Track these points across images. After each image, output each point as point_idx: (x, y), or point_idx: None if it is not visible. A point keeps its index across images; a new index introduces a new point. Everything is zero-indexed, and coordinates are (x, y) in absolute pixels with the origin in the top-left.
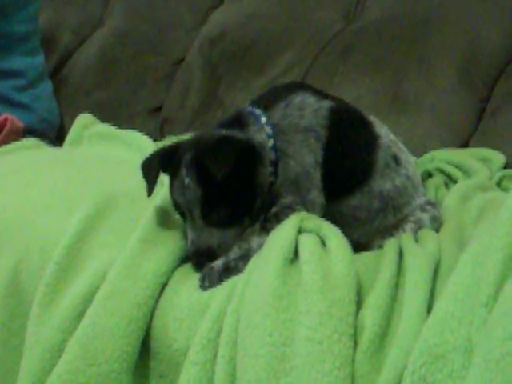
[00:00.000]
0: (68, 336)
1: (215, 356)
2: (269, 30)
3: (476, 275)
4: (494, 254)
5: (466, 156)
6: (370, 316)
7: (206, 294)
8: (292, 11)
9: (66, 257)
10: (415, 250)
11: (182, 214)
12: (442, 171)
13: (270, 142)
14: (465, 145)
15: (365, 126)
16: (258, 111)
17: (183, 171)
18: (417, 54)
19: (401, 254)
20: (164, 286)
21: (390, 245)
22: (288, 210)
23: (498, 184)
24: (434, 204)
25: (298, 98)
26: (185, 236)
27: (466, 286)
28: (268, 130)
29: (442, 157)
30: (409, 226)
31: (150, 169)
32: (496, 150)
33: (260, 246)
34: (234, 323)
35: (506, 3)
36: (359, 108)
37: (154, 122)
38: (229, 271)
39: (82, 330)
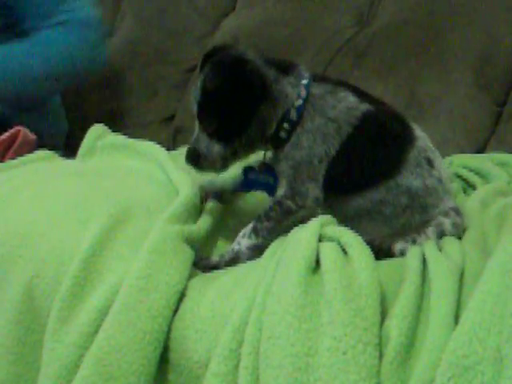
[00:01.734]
0: (85, 351)
1: (237, 367)
2: (282, 36)
3: (504, 284)
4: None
5: (484, 161)
6: (396, 326)
7: (228, 304)
8: (304, 17)
9: (81, 270)
10: (439, 258)
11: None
12: (459, 176)
13: (299, 102)
14: (482, 149)
15: (400, 128)
16: (306, 73)
17: (200, 79)
18: (431, 58)
19: (424, 263)
20: (182, 296)
21: (414, 253)
22: (278, 208)
23: None
24: (458, 210)
25: (342, 94)
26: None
27: (494, 295)
28: (303, 91)
29: (460, 162)
30: (430, 230)
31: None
32: None
33: (250, 248)
34: (255, 333)
35: None
36: None
37: (166, 131)
38: (216, 269)
39: (97, 344)
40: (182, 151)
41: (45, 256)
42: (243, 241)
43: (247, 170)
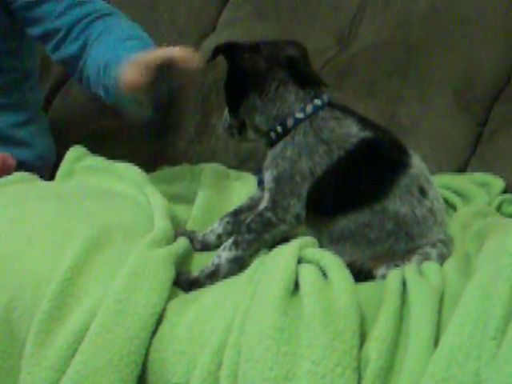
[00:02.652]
0: (62, 375)
1: None
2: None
3: (483, 307)
4: (501, 286)
5: (465, 181)
6: (375, 349)
7: (206, 326)
8: (285, 37)
9: (59, 293)
10: (419, 281)
11: None
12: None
13: (299, 115)
14: (463, 169)
15: (395, 155)
16: (325, 96)
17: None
18: (412, 79)
19: (404, 285)
20: (161, 318)
21: (394, 275)
22: (259, 219)
23: (498, 209)
24: (445, 242)
25: (347, 121)
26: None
27: (473, 318)
28: (310, 108)
29: (440, 182)
30: (415, 258)
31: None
32: (494, 174)
33: (230, 260)
34: (234, 356)
35: (500, 27)
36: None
37: (147, 151)
38: (196, 286)
39: (73, 368)
40: (162, 172)
41: (22, 279)
42: (223, 253)
43: (259, 168)
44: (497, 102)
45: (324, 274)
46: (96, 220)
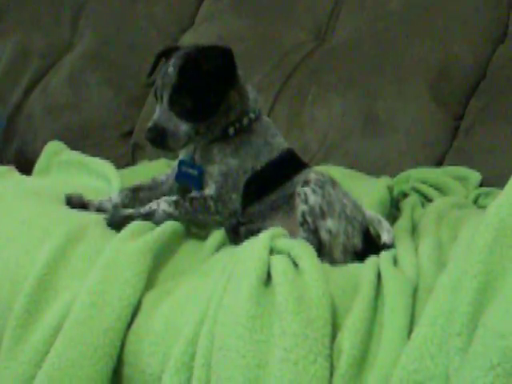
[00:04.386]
0: (39, 370)
1: (190, 379)
2: (239, 51)
3: (455, 301)
4: (468, 282)
5: (442, 175)
6: (348, 339)
7: (181, 317)
8: (262, 32)
9: (36, 288)
10: (394, 273)
11: (156, 98)
12: (417, 191)
13: (251, 116)
14: (440, 163)
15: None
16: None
17: (170, 63)
18: (388, 74)
19: (379, 276)
20: (136, 310)
21: (368, 266)
22: (202, 202)
23: (475, 202)
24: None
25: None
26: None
27: (444, 311)
28: (257, 110)
29: (418, 176)
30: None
31: (157, 55)
32: (471, 167)
33: (166, 214)
34: (208, 346)
35: (476, 21)
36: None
37: (125, 146)
38: (130, 219)
39: (48, 361)
40: (142, 166)
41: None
42: (162, 204)
43: (181, 162)
44: (473, 96)
45: (296, 264)
46: (73, 217)
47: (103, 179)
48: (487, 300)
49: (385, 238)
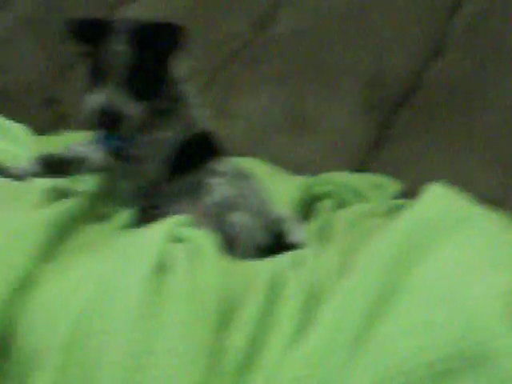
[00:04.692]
0: None
1: (72, 359)
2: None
3: (346, 310)
4: (364, 295)
5: (362, 181)
6: (237, 336)
7: (71, 295)
8: (201, 18)
9: None
10: (293, 274)
11: (99, 79)
12: (335, 194)
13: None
14: (362, 169)
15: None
16: None
17: (117, 39)
18: (321, 74)
19: (279, 276)
20: (30, 282)
21: (268, 265)
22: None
23: (392, 212)
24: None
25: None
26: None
27: (336, 320)
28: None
29: (338, 179)
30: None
31: (79, 26)
32: (393, 177)
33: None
34: (93, 327)
35: (412, 30)
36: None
37: (50, 113)
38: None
39: None
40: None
41: None
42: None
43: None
44: (403, 107)
45: (195, 254)
46: None
47: (15, 143)
48: (382, 314)
49: (293, 237)
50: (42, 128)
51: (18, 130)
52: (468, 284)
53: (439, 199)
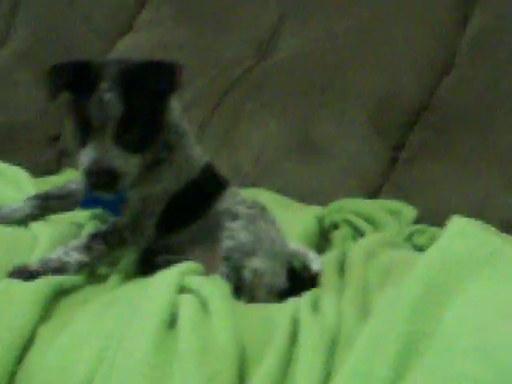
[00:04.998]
0: None
1: None
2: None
3: (370, 362)
4: (390, 342)
5: (375, 208)
6: None
7: (77, 354)
8: (203, 43)
9: None
10: (312, 321)
11: (86, 134)
12: (348, 222)
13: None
14: (375, 195)
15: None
16: None
17: (105, 85)
18: (328, 98)
19: (296, 323)
20: (29, 344)
21: (286, 311)
22: (116, 235)
23: (409, 239)
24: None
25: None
26: None
27: (362, 373)
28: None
29: (350, 207)
30: (225, 221)
31: (62, 74)
32: (408, 201)
33: (80, 264)
34: None
35: (422, 50)
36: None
37: (52, 151)
38: (37, 276)
39: None
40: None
41: None
42: (74, 254)
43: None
44: (415, 128)
45: (205, 305)
46: None
47: (15, 187)
48: (410, 366)
49: (314, 267)
50: (45, 166)
51: (16, 172)
52: (501, 331)
53: (464, 233)
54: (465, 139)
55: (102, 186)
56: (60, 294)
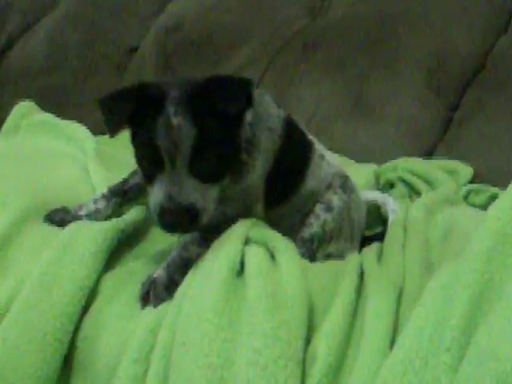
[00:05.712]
0: None
1: (146, 372)
2: (227, 23)
3: (444, 311)
4: (461, 292)
5: (431, 167)
6: (324, 345)
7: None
8: (254, 5)
9: None
10: (377, 274)
11: (155, 165)
12: (404, 181)
13: (248, 117)
14: (430, 154)
15: (304, 135)
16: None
17: (170, 110)
18: (383, 57)
19: (362, 275)
20: (95, 292)
21: (351, 264)
22: (227, 225)
23: (465, 198)
24: (345, 187)
25: (266, 98)
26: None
27: (433, 322)
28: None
29: (406, 166)
30: (318, 207)
31: (122, 103)
32: (463, 160)
33: (199, 257)
34: (169, 338)
35: (477, 10)
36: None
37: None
38: (173, 285)
39: None
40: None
41: None
42: (193, 248)
43: None
44: (470, 87)
45: (273, 257)
46: (33, 188)
47: (74, 143)
48: (482, 314)
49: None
50: (93, 128)
51: (74, 129)
52: None
53: None
54: None
55: (178, 225)
56: (124, 245)
